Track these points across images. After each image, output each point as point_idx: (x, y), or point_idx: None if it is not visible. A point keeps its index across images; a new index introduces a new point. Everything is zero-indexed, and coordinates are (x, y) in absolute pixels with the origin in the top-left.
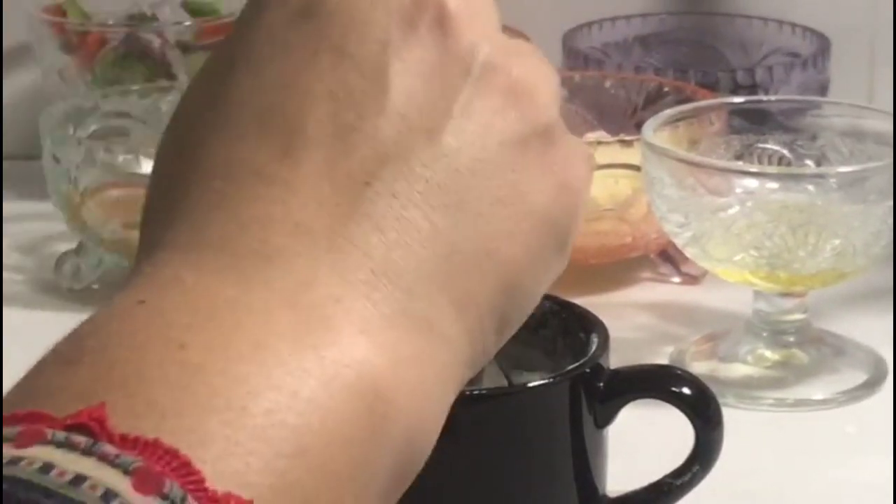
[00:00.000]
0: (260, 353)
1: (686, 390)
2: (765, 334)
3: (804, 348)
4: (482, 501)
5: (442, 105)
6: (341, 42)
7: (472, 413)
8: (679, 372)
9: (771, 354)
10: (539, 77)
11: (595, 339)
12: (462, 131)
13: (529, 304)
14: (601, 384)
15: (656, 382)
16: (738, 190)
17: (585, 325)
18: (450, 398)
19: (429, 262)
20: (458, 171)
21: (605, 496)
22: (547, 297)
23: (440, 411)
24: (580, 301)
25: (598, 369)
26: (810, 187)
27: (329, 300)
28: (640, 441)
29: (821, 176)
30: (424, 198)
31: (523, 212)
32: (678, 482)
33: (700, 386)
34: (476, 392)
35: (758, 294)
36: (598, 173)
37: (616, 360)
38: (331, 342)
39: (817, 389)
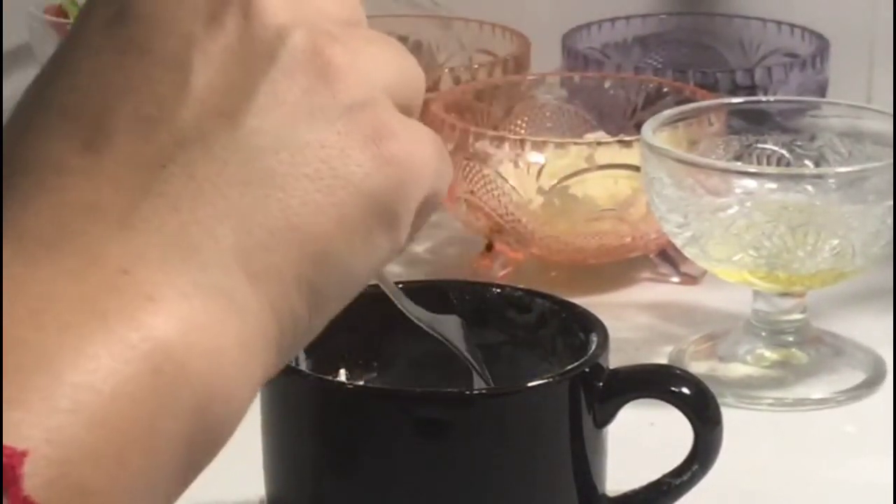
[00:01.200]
0: (39, 317)
1: (685, 390)
2: (764, 334)
3: (803, 348)
4: (481, 502)
5: (244, 89)
6: (147, 41)
7: (470, 413)
8: (678, 371)
9: (770, 354)
10: (363, 58)
11: (594, 339)
12: (266, 112)
13: (348, 279)
14: (600, 384)
15: (655, 382)
16: (738, 190)
17: (585, 325)
18: (255, 370)
19: (226, 238)
20: (261, 149)
21: (604, 495)
22: (546, 297)
23: (243, 382)
24: (580, 301)
25: (597, 369)
26: (809, 188)
27: (118, 273)
28: (640, 440)
29: (819, 176)
30: (223, 177)
31: (336, 185)
32: (677, 482)
33: (699, 385)
34: (474, 392)
35: (757, 294)
36: (597, 174)
37: (615, 359)
38: (117, 309)
39: (816, 389)
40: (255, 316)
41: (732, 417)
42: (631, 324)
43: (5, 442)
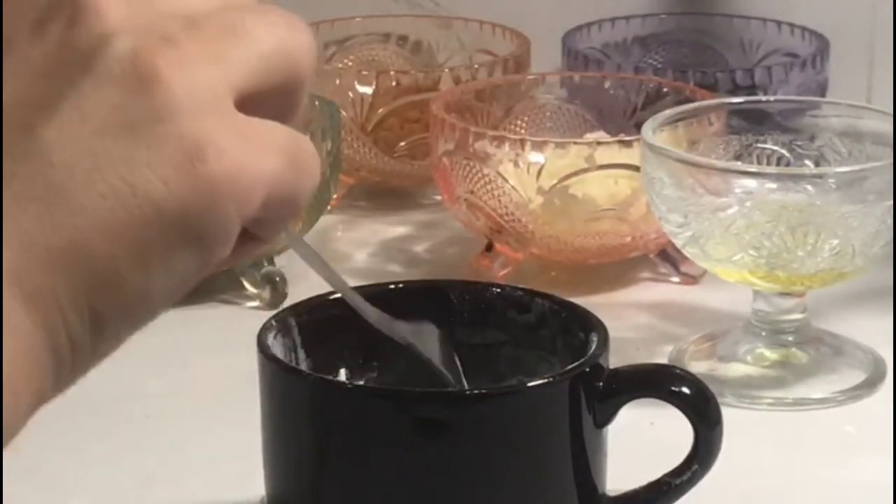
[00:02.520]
0: None
1: (685, 389)
2: (764, 334)
3: (803, 348)
4: (483, 500)
5: (48, 100)
6: None
7: (470, 413)
8: (678, 371)
9: (770, 354)
10: (201, 62)
11: (594, 339)
12: (65, 126)
13: (141, 302)
14: (600, 384)
15: (655, 382)
16: (737, 190)
17: (585, 325)
18: (20, 390)
19: (7, 256)
20: (53, 165)
21: (604, 495)
22: (546, 297)
23: (8, 402)
24: (579, 301)
25: (597, 369)
26: (809, 187)
27: None
28: (640, 440)
29: (819, 176)
30: (11, 191)
31: (132, 204)
32: (677, 481)
33: (699, 385)
34: (474, 392)
35: (757, 294)
36: (597, 173)
37: (615, 359)
38: None
39: (816, 389)
40: (24, 337)
41: (732, 417)
42: (631, 323)
43: None
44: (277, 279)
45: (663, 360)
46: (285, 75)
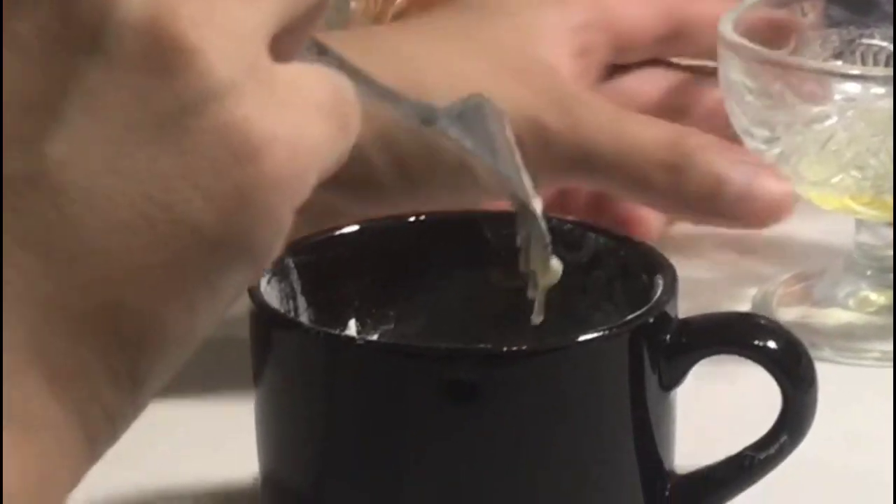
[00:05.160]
0: None
1: (772, 344)
2: (869, 273)
3: None
4: (525, 480)
5: (49, 100)
6: None
7: (507, 374)
8: (763, 321)
9: (876, 297)
10: (226, 10)
11: (660, 282)
12: (74, 136)
13: (182, 345)
14: (668, 337)
15: (736, 334)
16: (837, 97)
17: (648, 265)
18: (52, 497)
19: (17, 330)
20: (65, 193)
21: (671, 472)
22: (601, 231)
23: None
24: None
25: (664, 319)
26: None
27: None
28: (716, 406)
29: None
30: (14, 238)
31: (167, 234)
32: (762, 455)
33: (789, 338)
34: (512, 349)
35: (860, 224)
36: None
37: (687, 307)
38: None
39: None
40: (56, 436)
41: (830, 375)
42: (705, 262)
43: None
44: None
45: (745, 308)
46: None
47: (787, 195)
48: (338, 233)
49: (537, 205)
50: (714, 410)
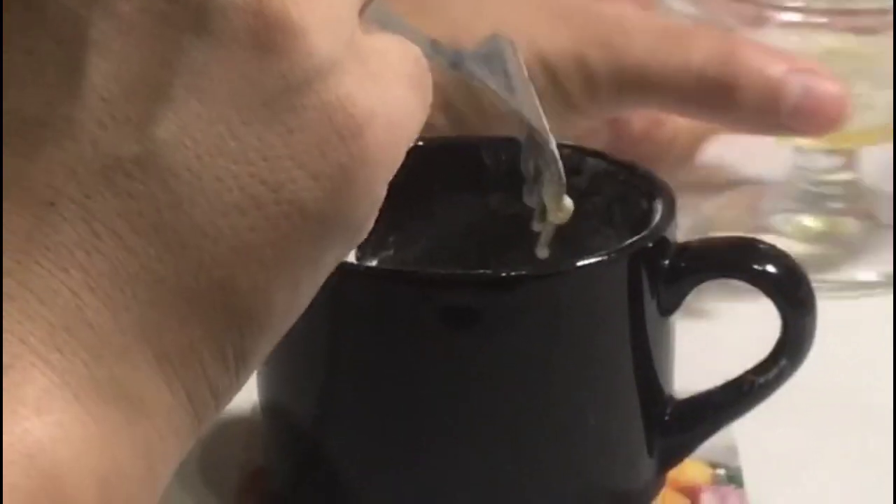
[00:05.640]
0: None
1: (771, 268)
2: (805, 199)
3: (853, 216)
4: (525, 405)
5: (157, 80)
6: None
7: (507, 299)
8: (762, 246)
9: (813, 223)
10: (327, 0)
11: (659, 207)
12: (183, 116)
13: (286, 320)
14: (667, 261)
15: (735, 259)
16: (775, 28)
17: (647, 190)
18: (161, 475)
19: (129, 311)
20: (177, 175)
21: (671, 397)
22: (600, 155)
23: (146, 496)
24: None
25: (663, 243)
26: (863, 26)
27: None
28: (715, 330)
29: (877, 13)
30: (126, 220)
31: (276, 214)
32: (761, 380)
33: (789, 263)
34: (511, 274)
35: (797, 150)
36: None
37: (686, 232)
38: None
39: (869, 268)
40: (164, 412)
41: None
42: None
43: None
44: None
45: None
46: None
47: (846, 97)
48: None
49: (553, 143)
50: (713, 335)
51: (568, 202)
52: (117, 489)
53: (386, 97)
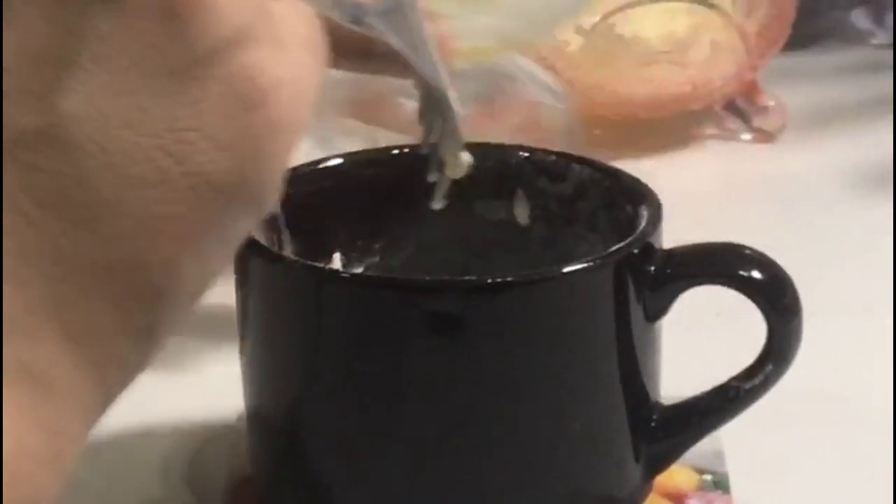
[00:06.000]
0: None
1: (756, 274)
2: None
3: None
4: (510, 412)
5: (61, 50)
6: None
7: (492, 306)
8: (748, 251)
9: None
10: None
11: (644, 213)
12: (89, 88)
13: (195, 294)
14: (652, 268)
15: (720, 265)
16: None
17: (633, 196)
18: (68, 455)
19: (36, 288)
20: (82, 149)
21: (657, 403)
22: (586, 162)
23: (52, 476)
24: (627, 166)
25: (648, 249)
26: None
27: None
28: (701, 336)
29: None
30: (29, 194)
31: (182, 187)
32: (747, 386)
33: (774, 268)
34: (497, 280)
35: None
36: (650, 8)
37: (671, 238)
38: None
39: None
40: (73, 394)
41: None
42: (691, 193)
43: None
44: None
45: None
46: None
47: None
48: (322, 165)
49: (454, 99)
50: (699, 341)
51: (465, 157)
52: (23, 470)
53: (290, 64)
